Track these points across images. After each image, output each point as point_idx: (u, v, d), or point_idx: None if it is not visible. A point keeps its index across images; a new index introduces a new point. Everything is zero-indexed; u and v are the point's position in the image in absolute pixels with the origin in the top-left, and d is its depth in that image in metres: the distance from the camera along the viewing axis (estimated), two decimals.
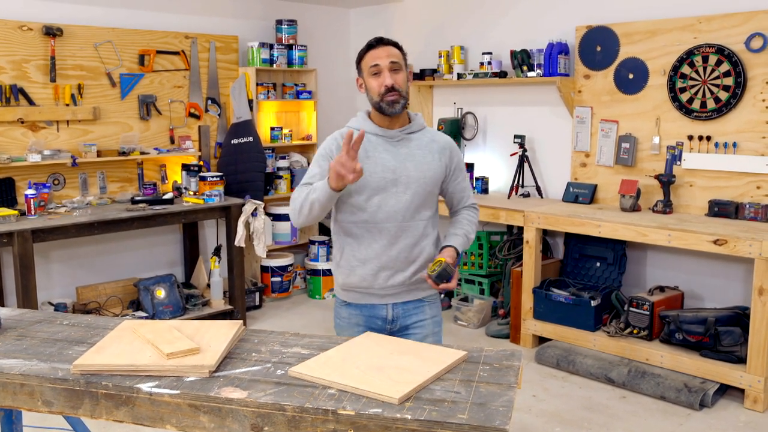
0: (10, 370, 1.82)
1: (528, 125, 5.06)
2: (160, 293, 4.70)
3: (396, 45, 2.29)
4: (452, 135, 5.19)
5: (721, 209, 4.06)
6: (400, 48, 2.30)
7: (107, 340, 1.95)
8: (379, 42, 2.26)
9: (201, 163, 5.12)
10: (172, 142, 5.10)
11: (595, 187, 4.65)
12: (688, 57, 4.17)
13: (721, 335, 3.75)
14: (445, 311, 5.10)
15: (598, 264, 4.55)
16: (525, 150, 4.95)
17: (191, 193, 4.87)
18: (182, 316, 4.72)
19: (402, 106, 2.25)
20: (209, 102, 5.29)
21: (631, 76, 4.45)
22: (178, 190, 4.94)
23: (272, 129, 5.55)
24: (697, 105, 4.17)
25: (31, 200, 4.12)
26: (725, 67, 4.02)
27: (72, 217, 4.19)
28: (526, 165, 4.97)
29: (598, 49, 4.57)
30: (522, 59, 4.83)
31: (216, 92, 5.32)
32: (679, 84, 4.23)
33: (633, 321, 4.11)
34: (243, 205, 4.90)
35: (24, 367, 1.83)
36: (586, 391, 3.87)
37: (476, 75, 5.05)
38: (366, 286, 2.30)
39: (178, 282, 4.88)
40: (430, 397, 1.63)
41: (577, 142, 4.75)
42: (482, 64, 5.08)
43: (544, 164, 5.05)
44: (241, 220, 4.85)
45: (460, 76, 5.19)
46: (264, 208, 5.10)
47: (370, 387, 1.64)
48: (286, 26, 5.54)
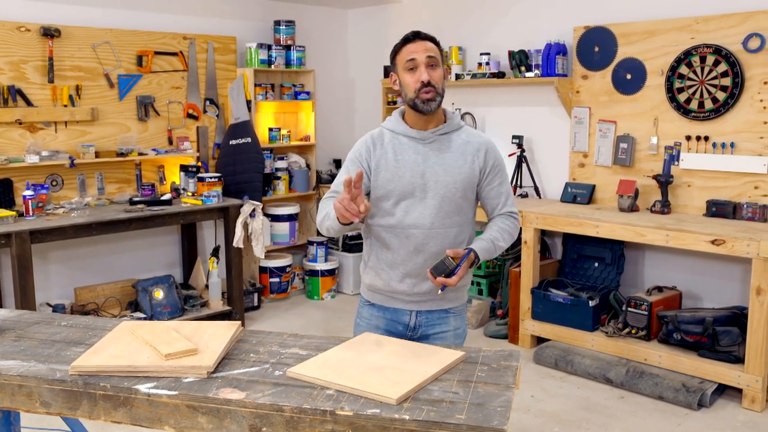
0: (8, 371, 1.82)
1: (526, 126, 5.06)
2: (159, 294, 4.69)
3: (433, 40, 2.18)
4: None
5: (718, 209, 4.06)
6: (437, 43, 2.19)
7: (105, 341, 1.95)
8: (416, 36, 2.16)
9: (199, 164, 5.11)
10: (171, 143, 5.10)
11: (593, 187, 4.65)
12: (685, 57, 4.17)
13: (719, 335, 3.75)
14: None
15: (596, 264, 4.55)
16: (523, 150, 4.95)
17: (189, 194, 4.87)
18: (180, 316, 4.72)
19: (438, 104, 2.15)
20: (207, 103, 5.29)
21: (629, 76, 4.45)
22: (177, 191, 4.93)
23: (270, 130, 5.54)
24: (694, 105, 4.18)
25: (29, 201, 4.12)
26: (723, 67, 4.03)
27: (70, 218, 4.18)
28: (524, 165, 4.98)
29: (596, 49, 4.57)
30: (520, 60, 4.83)
31: (214, 93, 5.32)
32: (677, 84, 4.23)
33: (631, 321, 4.11)
34: (241, 205, 4.90)
35: (22, 368, 1.83)
36: (585, 392, 3.87)
37: (474, 75, 5.05)
38: (391, 290, 2.24)
39: (177, 283, 4.88)
40: (428, 397, 1.63)
41: (575, 142, 4.76)
42: (480, 64, 5.08)
43: (542, 164, 5.05)
44: (240, 220, 4.85)
45: (458, 76, 5.19)
46: (262, 208, 5.10)
47: (368, 387, 1.64)
48: (284, 27, 5.54)
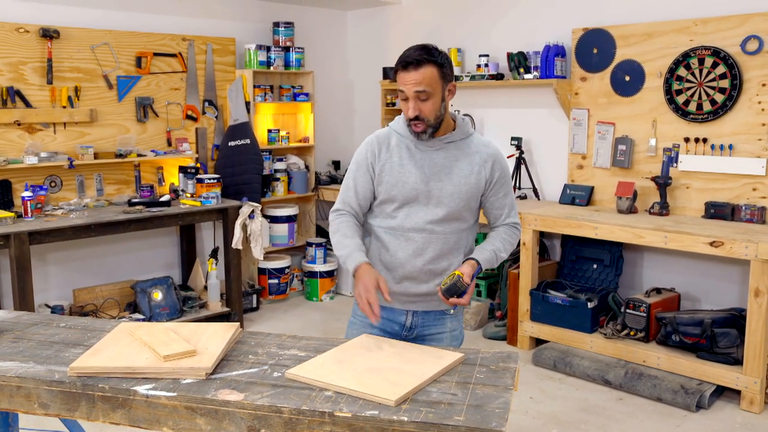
0: (7, 372, 1.81)
1: (525, 127, 5.07)
2: (157, 295, 4.69)
3: (432, 62, 2.04)
4: None
5: (717, 211, 4.07)
6: (436, 61, 2.05)
7: (104, 343, 1.95)
8: (409, 65, 2.05)
9: (198, 165, 5.11)
10: (169, 144, 5.10)
11: (592, 189, 4.66)
12: (684, 59, 4.18)
13: (718, 337, 3.76)
14: None
15: (594, 266, 4.55)
16: (522, 152, 4.96)
17: (188, 195, 4.86)
18: (179, 318, 4.71)
19: (429, 134, 2.13)
20: (206, 104, 5.29)
21: (627, 78, 4.46)
22: (175, 192, 4.93)
23: (269, 131, 5.54)
24: (693, 107, 4.18)
25: (28, 202, 4.11)
26: (721, 69, 4.04)
27: (69, 219, 4.18)
28: (523, 167, 4.98)
29: (595, 51, 4.58)
30: (519, 61, 4.84)
31: (213, 94, 5.32)
32: (676, 86, 4.24)
33: (630, 323, 4.12)
34: (240, 207, 4.90)
35: (20, 369, 1.83)
36: (583, 393, 3.87)
37: (473, 77, 5.06)
38: (388, 291, 2.21)
39: (175, 284, 4.88)
40: (426, 399, 1.63)
41: (573, 144, 4.76)
42: (479, 66, 5.09)
43: (540, 166, 5.05)
44: (238, 222, 4.85)
45: (457, 78, 5.18)
46: (261, 210, 5.10)
47: (367, 389, 1.64)
48: (283, 28, 5.54)
